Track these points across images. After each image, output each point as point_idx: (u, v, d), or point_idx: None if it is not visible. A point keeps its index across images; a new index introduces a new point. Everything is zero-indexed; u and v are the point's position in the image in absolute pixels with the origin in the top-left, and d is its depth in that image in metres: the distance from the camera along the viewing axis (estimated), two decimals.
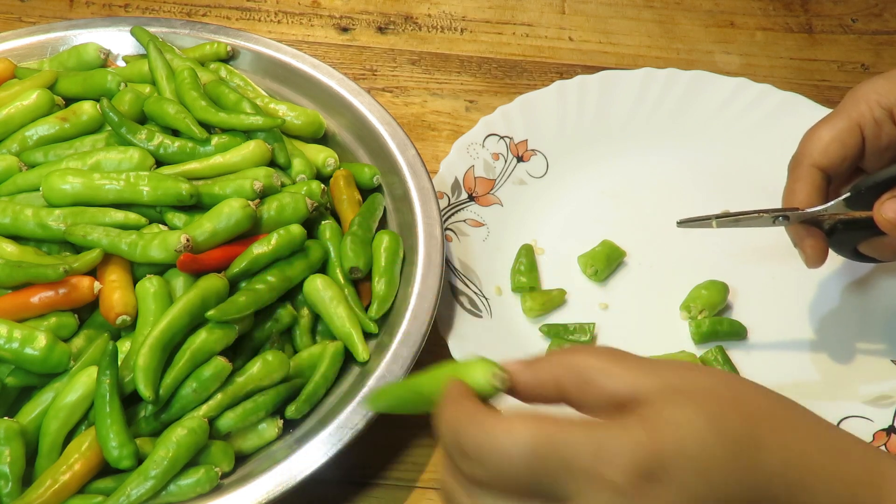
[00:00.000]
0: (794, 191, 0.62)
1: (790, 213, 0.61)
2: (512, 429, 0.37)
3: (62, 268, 0.57)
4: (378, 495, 0.63)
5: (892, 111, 0.61)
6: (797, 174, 0.62)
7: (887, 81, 0.61)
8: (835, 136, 0.61)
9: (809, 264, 0.63)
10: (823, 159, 0.61)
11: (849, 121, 0.61)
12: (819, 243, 0.62)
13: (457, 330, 0.66)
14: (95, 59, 0.75)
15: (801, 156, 0.63)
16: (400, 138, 0.72)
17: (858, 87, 0.62)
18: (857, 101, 0.62)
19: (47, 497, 0.52)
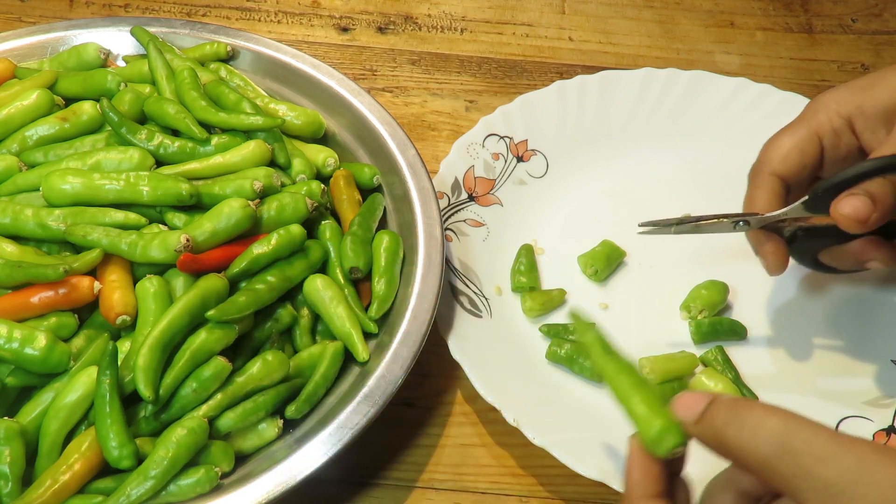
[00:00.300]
0: (753, 198, 0.62)
1: (750, 217, 0.61)
2: None
3: (62, 268, 0.57)
4: (378, 495, 0.63)
5: (850, 120, 0.61)
6: (757, 182, 0.62)
7: (848, 91, 0.62)
8: (794, 145, 0.61)
9: (771, 271, 0.63)
10: (782, 167, 0.61)
11: (808, 130, 0.61)
12: (779, 249, 0.62)
13: (457, 330, 0.66)
14: (95, 59, 0.75)
15: (760, 164, 0.63)
16: (400, 138, 0.72)
17: (820, 97, 0.63)
18: (817, 110, 0.62)
19: (47, 497, 0.52)
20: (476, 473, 0.64)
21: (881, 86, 0.61)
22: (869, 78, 0.62)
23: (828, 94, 0.63)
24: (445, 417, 0.67)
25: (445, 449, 0.65)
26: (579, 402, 0.66)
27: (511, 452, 0.65)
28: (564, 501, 0.63)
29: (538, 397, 0.65)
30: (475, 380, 0.63)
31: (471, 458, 0.65)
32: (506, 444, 0.66)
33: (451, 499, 0.63)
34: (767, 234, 0.62)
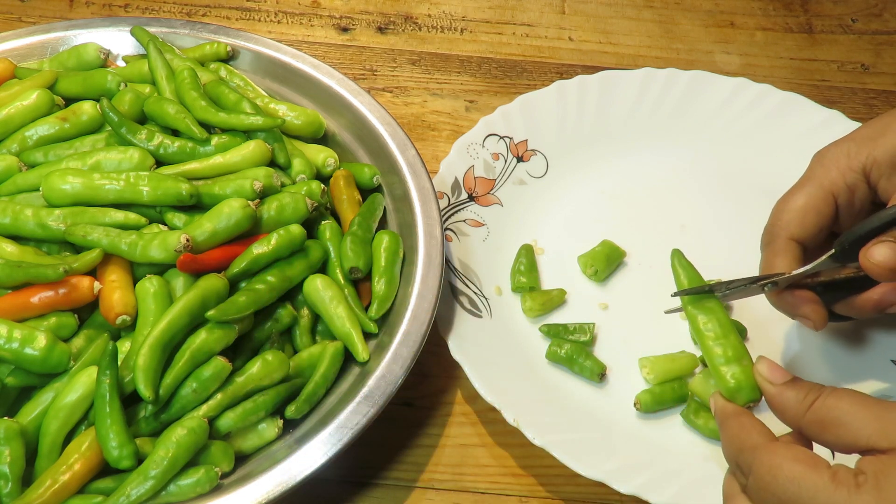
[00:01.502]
0: (773, 265, 0.61)
1: (778, 278, 0.60)
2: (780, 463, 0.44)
3: (62, 268, 0.57)
4: (378, 495, 0.63)
5: (864, 171, 0.60)
6: (775, 248, 0.61)
7: (855, 144, 0.61)
8: (810, 207, 0.60)
9: (818, 328, 0.61)
10: (800, 231, 0.60)
11: (822, 189, 0.60)
12: (818, 307, 0.60)
13: (457, 330, 0.66)
14: (95, 59, 0.75)
15: (776, 228, 0.61)
16: (400, 138, 0.72)
17: (825, 153, 0.62)
18: (828, 168, 0.61)
19: (47, 497, 0.52)
20: (476, 473, 0.64)
21: (890, 134, 0.60)
22: (873, 126, 0.61)
23: (834, 148, 0.62)
24: (445, 417, 0.67)
25: (445, 449, 0.65)
26: (579, 402, 0.66)
27: (511, 452, 0.65)
28: (564, 501, 0.63)
29: (538, 397, 0.65)
30: (475, 380, 0.63)
31: (471, 458, 0.65)
32: (506, 444, 0.66)
33: (451, 499, 0.63)
34: (798, 294, 0.60)
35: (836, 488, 0.42)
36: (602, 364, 0.67)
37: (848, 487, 0.42)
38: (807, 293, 0.60)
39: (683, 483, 0.60)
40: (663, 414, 0.66)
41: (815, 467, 0.43)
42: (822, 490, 0.42)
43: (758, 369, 0.50)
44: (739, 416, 0.49)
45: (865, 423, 0.44)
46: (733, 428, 0.48)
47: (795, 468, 0.43)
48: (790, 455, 0.44)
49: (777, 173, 0.79)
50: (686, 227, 0.77)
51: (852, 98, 0.91)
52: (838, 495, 0.41)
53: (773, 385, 0.49)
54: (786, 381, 0.49)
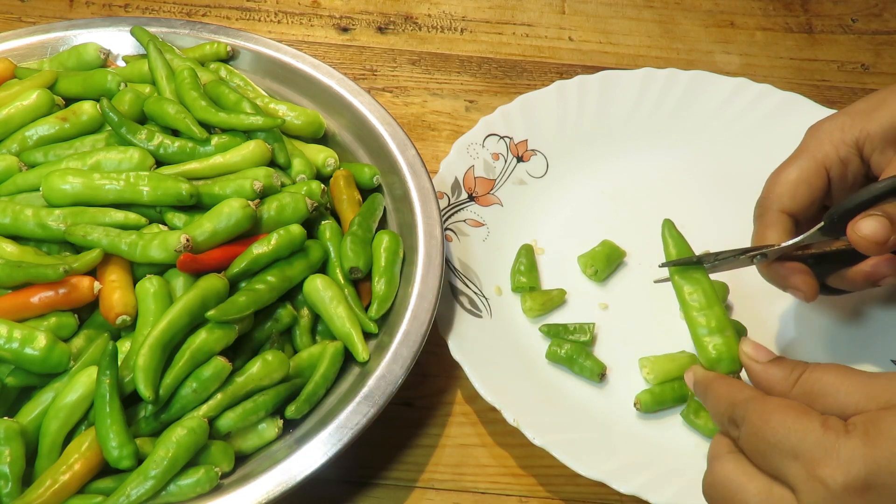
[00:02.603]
0: (764, 236, 0.61)
1: (767, 250, 0.60)
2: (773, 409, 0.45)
3: (62, 268, 0.57)
4: (378, 495, 0.63)
5: (857, 144, 0.60)
6: (766, 220, 0.61)
7: (849, 117, 0.61)
8: (802, 180, 0.60)
9: (808, 299, 0.61)
10: (792, 204, 0.61)
11: (814, 162, 0.61)
12: (807, 276, 0.61)
13: (457, 330, 0.66)
14: (95, 59, 0.75)
15: (767, 201, 0.62)
16: (400, 138, 0.72)
17: (819, 126, 0.62)
18: (822, 141, 0.61)
19: (47, 497, 0.52)
20: (476, 473, 0.64)
21: (884, 108, 0.60)
22: (868, 101, 0.61)
23: (828, 122, 0.62)
24: (445, 417, 0.67)
25: (445, 449, 0.65)
26: (579, 402, 0.66)
27: (511, 452, 0.65)
28: (564, 501, 0.63)
29: (538, 397, 0.65)
30: (475, 380, 0.63)
31: (471, 458, 0.65)
32: (506, 444, 0.66)
33: (451, 499, 0.63)
34: (788, 265, 0.61)
35: (825, 433, 0.42)
36: (602, 364, 0.67)
37: (837, 432, 0.42)
38: (797, 265, 0.61)
39: (683, 483, 0.60)
40: (663, 414, 0.66)
41: (806, 413, 0.44)
42: (810, 433, 0.42)
43: (743, 349, 0.51)
44: (725, 378, 0.50)
45: (852, 391, 0.44)
46: (722, 388, 0.49)
47: (788, 413, 0.44)
48: (783, 403, 0.45)
49: None
50: (686, 227, 0.76)
51: (852, 98, 0.91)
52: (826, 439, 0.42)
53: (758, 363, 0.49)
54: (770, 359, 0.49)
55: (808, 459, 0.42)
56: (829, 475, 0.41)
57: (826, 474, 0.41)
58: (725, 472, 0.45)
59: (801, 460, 0.42)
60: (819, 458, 0.41)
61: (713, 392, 0.49)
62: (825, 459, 0.41)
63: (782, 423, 0.43)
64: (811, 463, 0.42)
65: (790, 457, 0.42)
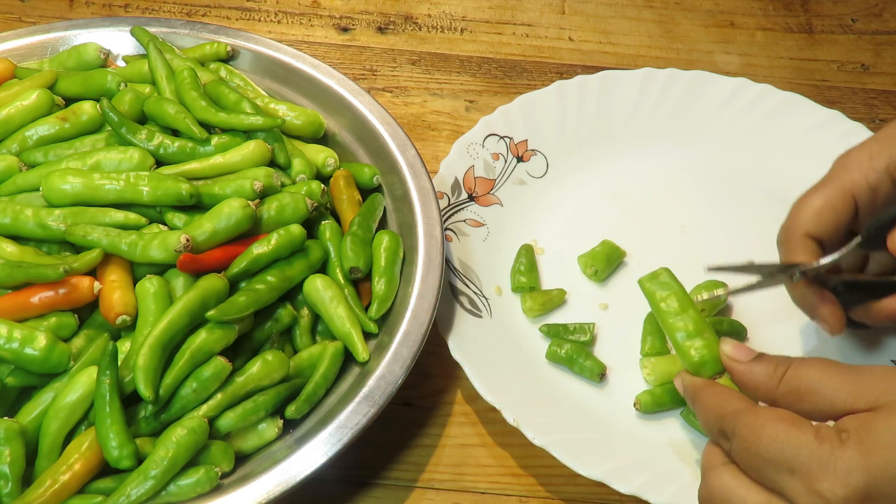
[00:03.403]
0: (791, 261, 0.60)
1: (807, 267, 0.59)
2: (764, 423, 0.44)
3: (62, 268, 0.57)
4: (378, 495, 0.63)
5: (888, 169, 0.59)
6: (792, 246, 0.61)
7: (878, 144, 0.60)
8: (828, 206, 0.60)
9: (834, 332, 0.60)
10: (817, 229, 0.60)
11: (840, 189, 0.60)
12: (837, 310, 0.60)
13: (457, 330, 0.66)
14: (95, 59, 0.75)
15: (793, 227, 0.61)
16: (400, 138, 0.72)
17: (848, 155, 0.61)
18: (850, 169, 0.60)
19: (47, 497, 0.52)
20: (476, 473, 0.64)
21: None
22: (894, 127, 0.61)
23: (856, 151, 0.61)
24: (445, 417, 0.67)
25: (445, 449, 0.65)
26: (579, 402, 0.66)
27: (511, 452, 0.65)
28: (564, 501, 0.63)
29: (538, 397, 0.65)
30: (475, 380, 0.63)
31: (471, 458, 0.65)
32: (506, 444, 0.66)
33: (451, 499, 0.63)
34: (819, 294, 0.60)
35: (820, 444, 0.42)
36: (602, 364, 0.67)
37: (831, 443, 0.42)
38: (828, 294, 0.60)
39: (683, 483, 0.60)
40: (663, 414, 0.66)
41: (798, 425, 0.43)
42: (805, 446, 0.42)
43: (723, 350, 0.51)
44: (714, 387, 0.50)
45: (840, 388, 0.44)
46: (710, 397, 0.49)
47: (779, 426, 0.44)
48: (773, 415, 0.45)
49: (777, 173, 0.79)
50: (686, 227, 0.77)
51: (852, 98, 0.91)
52: (822, 451, 0.42)
53: (740, 363, 0.49)
54: (752, 357, 0.49)
55: (806, 473, 0.42)
56: (828, 489, 0.41)
57: (825, 488, 0.41)
58: (722, 484, 0.45)
59: (798, 475, 0.42)
60: (816, 472, 0.41)
61: (701, 402, 0.49)
62: (823, 473, 0.41)
63: (774, 437, 0.43)
64: (809, 477, 0.41)
65: (786, 471, 0.42)
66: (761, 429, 0.44)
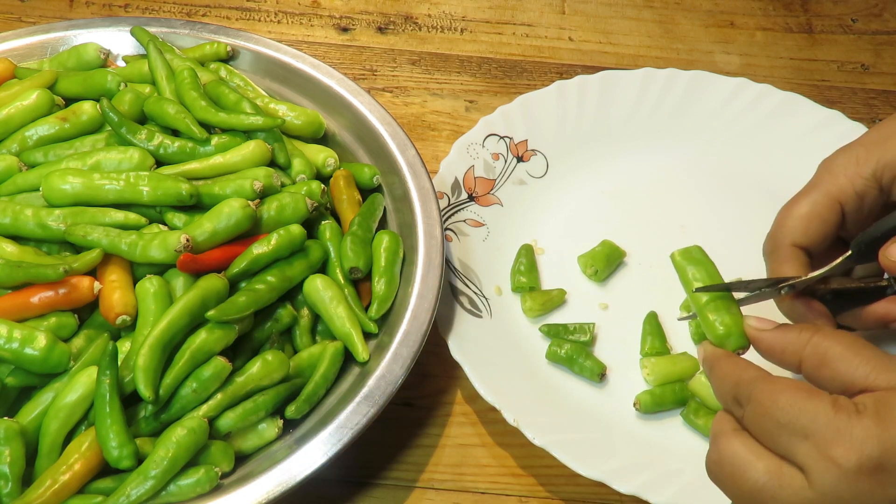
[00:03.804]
0: (780, 272, 0.59)
1: (796, 281, 0.57)
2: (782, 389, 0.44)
3: (62, 268, 0.57)
4: (378, 495, 0.63)
5: (874, 175, 0.58)
6: (780, 256, 0.60)
7: (864, 149, 0.59)
8: (815, 214, 0.59)
9: None
10: (804, 239, 0.59)
11: (828, 196, 0.59)
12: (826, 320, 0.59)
13: (457, 330, 0.66)
14: (95, 59, 0.75)
15: (779, 236, 0.60)
16: (400, 138, 0.72)
17: (833, 160, 0.60)
18: (835, 175, 0.59)
19: (47, 497, 0.52)
20: (476, 473, 0.64)
21: None
22: (881, 130, 0.60)
23: (841, 155, 0.60)
24: (445, 417, 0.67)
25: (445, 449, 0.65)
26: (579, 402, 0.66)
27: (511, 452, 0.65)
28: (564, 501, 0.63)
29: (538, 397, 0.65)
30: (475, 380, 0.63)
31: (471, 458, 0.65)
32: (506, 444, 0.66)
33: (451, 499, 0.63)
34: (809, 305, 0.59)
35: (837, 413, 0.42)
36: (602, 364, 0.67)
37: (848, 413, 0.42)
38: (819, 306, 0.59)
39: (683, 483, 0.60)
40: (663, 414, 0.66)
41: (816, 393, 0.44)
42: (822, 413, 0.42)
43: (748, 323, 0.51)
44: (732, 357, 0.50)
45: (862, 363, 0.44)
46: (727, 366, 0.49)
47: (797, 394, 0.44)
48: (791, 384, 0.45)
49: (777, 173, 0.79)
50: (686, 227, 0.77)
51: (852, 98, 0.91)
52: (838, 419, 0.42)
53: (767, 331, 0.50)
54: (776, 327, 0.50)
55: (820, 440, 0.41)
56: (841, 455, 0.41)
57: (838, 454, 0.41)
58: (733, 450, 0.45)
59: (811, 440, 0.42)
60: (831, 439, 0.41)
61: (719, 369, 0.49)
62: (837, 439, 0.41)
63: (792, 403, 0.43)
64: (823, 443, 0.41)
65: (800, 437, 0.42)
66: (779, 394, 0.44)
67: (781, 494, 0.42)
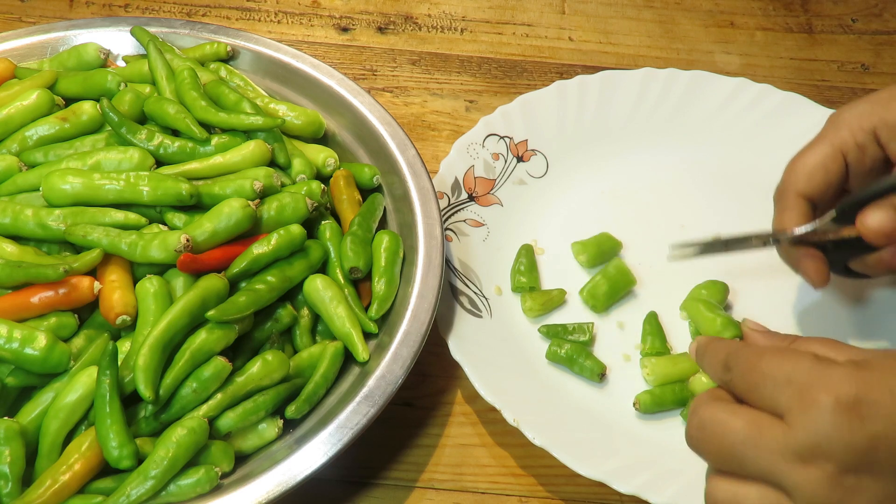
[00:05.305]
0: (782, 220, 0.63)
1: (780, 235, 0.62)
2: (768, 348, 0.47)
3: (62, 268, 0.57)
4: (378, 495, 0.63)
5: (875, 133, 0.61)
6: (784, 204, 0.63)
7: (869, 105, 0.62)
8: (819, 164, 0.62)
9: (816, 285, 0.63)
10: (808, 188, 0.62)
11: (831, 147, 0.62)
12: (818, 264, 0.63)
13: (457, 330, 0.66)
14: (95, 59, 0.75)
15: (786, 186, 0.63)
16: (400, 138, 0.72)
17: (839, 113, 0.63)
18: (839, 127, 0.62)
19: (47, 497, 0.52)
20: (476, 473, 0.64)
21: None
22: (887, 91, 0.63)
23: (847, 109, 0.63)
24: (445, 417, 0.67)
25: (445, 449, 0.65)
26: (579, 402, 0.66)
27: (511, 452, 0.65)
28: (564, 501, 0.63)
29: (538, 397, 0.65)
30: (475, 380, 0.63)
31: (471, 458, 0.65)
32: (506, 444, 0.66)
33: (451, 499, 0.63)
34: (803, 250, 0.63)
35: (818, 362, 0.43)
36: (602, 364, 0.67)
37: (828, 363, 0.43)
38: (812, 251, 0.63)
39: (683, 483, 0.60)
40: (663, 414, 0.66)
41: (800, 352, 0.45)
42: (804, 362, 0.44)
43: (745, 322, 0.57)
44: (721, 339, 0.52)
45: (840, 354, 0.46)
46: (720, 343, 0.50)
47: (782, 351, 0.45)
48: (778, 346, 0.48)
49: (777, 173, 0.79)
50: (686, 227, 0.77)
51: (852, 98, 0.91)
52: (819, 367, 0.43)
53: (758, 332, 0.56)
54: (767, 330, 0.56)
55: (801, 384, 0.43)
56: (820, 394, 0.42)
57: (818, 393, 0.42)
58: (711, 413, 0.46)
59: (793, 386, 0.43)
60: (811, 382, 0.42)
61: (711, 349, 0.50)
62: (817, 382, 0.42)
63: (776, 358, 0.45)
64: (804, 386, 0.42)
65: (783, 384, 0.43)
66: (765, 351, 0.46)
67: (762, 443, 0.43)
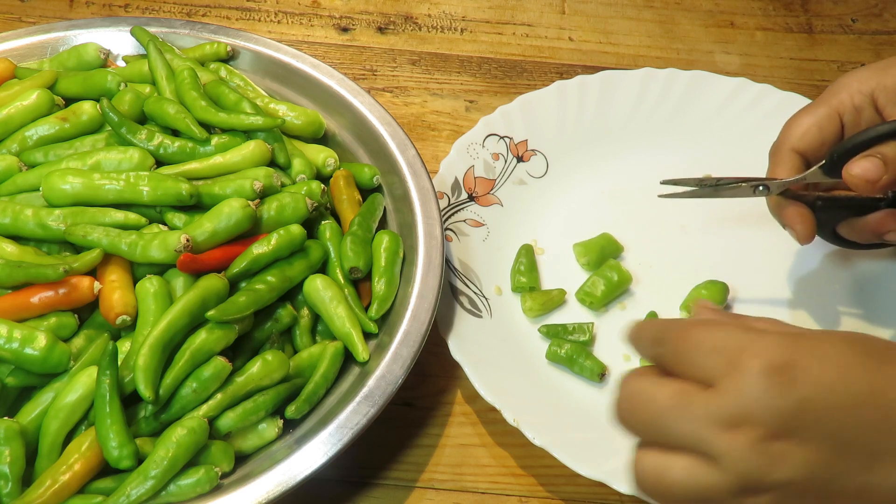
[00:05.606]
0: (774, 173, 0.65)
1: (770, 182, 0.64)
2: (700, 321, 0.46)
3: (62, 268, 0.57)
4: (378, 495, 0.63)
5: (872, 96, 0.64)
6: (777, 158, 0.66)
7: (869, 70, 0.65)
8: (813, 122, 0.64)
9: (800, 239, 0.64)
10: (801, 144, 0.64)
11: (828, 108, 0.64)
12: (805, 216, 0.64)
13: (457, 330, 0.66)
14: (95, 59, 0.75)
15: (780, 141, 0.66)
16: (400, 138, 0.72)
17: (840, 78, 0.66)
18: (838, 90, 0.65)
19: (47, 497, 0.52)
20: (476, 473, 0.64)
21: None
22: (890, 59, 0.65)
23: (848, 74, 0.66)
24: (445, 417, 0.67)
25: (445, 449, 0.65)
26: (579, 402, 0.66)
27: (511, 452, 0.65)
28: (564, 501, 0.63)
29: (538, 397, 0.65)
30: (475, 380, 0.63)
31: (471, 458, 0.65)
32: (506, 444, 0.66)
33: (451, 499, 0.63)
34: (790, 201, 0.65)
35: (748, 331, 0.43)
36: (602, 364, 0.67)
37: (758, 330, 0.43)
38: (799, 205, 0.65)
39: None
40: None
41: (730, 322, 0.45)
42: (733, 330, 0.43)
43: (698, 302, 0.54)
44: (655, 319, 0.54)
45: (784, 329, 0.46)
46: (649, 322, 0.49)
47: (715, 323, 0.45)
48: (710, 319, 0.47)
49: None
50: (686, 227, 0.77)
51: None
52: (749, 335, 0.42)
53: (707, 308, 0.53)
54: None
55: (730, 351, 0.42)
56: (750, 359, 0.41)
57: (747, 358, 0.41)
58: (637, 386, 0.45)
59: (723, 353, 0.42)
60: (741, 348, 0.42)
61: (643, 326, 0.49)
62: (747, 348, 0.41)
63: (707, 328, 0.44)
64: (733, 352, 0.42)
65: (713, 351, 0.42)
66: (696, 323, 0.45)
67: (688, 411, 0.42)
